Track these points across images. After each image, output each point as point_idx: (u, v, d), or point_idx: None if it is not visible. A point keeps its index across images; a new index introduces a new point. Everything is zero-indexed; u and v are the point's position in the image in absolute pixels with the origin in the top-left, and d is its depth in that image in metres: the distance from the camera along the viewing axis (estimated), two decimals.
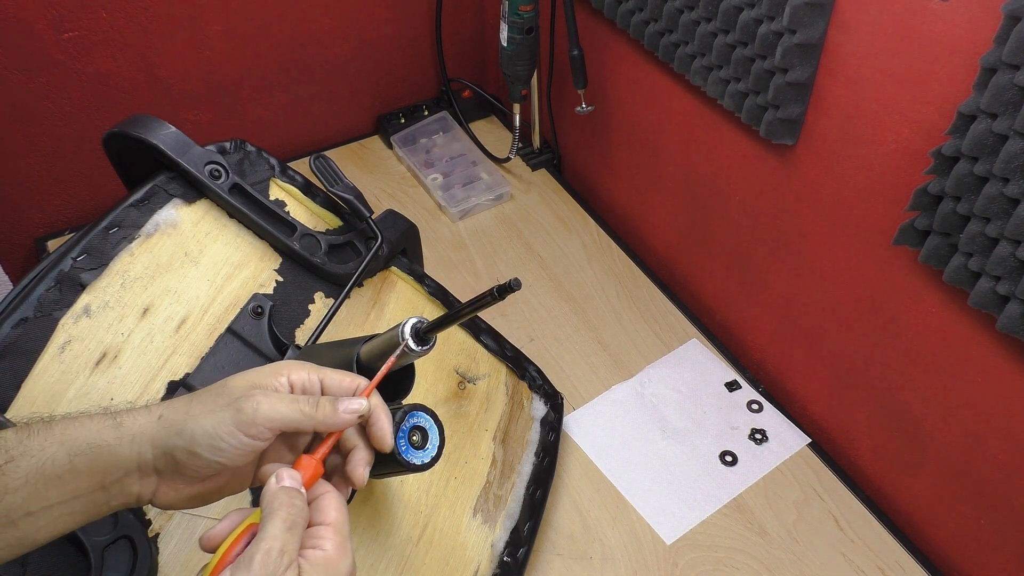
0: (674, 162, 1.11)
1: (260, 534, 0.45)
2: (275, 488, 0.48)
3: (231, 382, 0.51)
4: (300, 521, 0.46)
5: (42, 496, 0.47)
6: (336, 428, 0.52)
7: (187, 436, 0.48)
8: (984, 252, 0.69)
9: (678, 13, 0.94)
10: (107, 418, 0.49)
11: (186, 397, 0.51)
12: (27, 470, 0.46)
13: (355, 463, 0.53)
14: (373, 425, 0.54)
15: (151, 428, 0.49)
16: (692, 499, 0.92)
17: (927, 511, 0.91)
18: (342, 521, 0.48)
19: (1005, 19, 0.61)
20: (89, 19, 1.09)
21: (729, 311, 1.13)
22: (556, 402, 0.96)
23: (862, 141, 0.80)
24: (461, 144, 1.39)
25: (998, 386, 0.76)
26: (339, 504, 0.49)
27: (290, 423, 0.50)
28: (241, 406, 0.48)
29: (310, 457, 0.51)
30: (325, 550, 0.46)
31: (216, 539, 0.48)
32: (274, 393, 0.50)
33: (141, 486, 0.49)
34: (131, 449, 0.48)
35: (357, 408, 0.52)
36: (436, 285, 0.91)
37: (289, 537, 0.45)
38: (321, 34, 1.29)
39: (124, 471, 0.48)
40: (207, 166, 0.76)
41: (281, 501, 0.46)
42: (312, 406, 0.50)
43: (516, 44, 1.17)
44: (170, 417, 0.49)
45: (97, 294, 0.70)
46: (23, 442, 0.47)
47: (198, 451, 0.48)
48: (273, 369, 0.52)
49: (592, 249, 1.23)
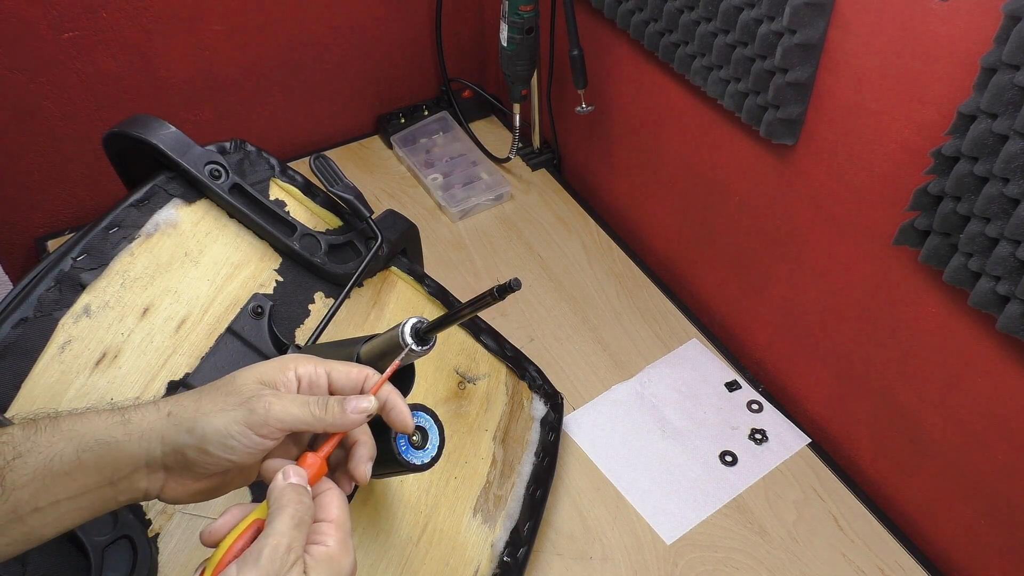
0: (674, 162, 1.11)
1: (267, 529, 0.45)
2: (283, 485, 0.48)
3: (239, 378, 0.51)
4: (307, 518, 0.47)
5: (50, 492, 0.47)
6: (345, 429, 0.52)
7: (198, 434, 0.48)
8: (984, 252, 0.69)
9: (678, 13, 0.94)
10: (115, 414, 0.49)
11: (194, 393, 0.51)
12: (34, 466, 0.46)
13: (358, 459, 0.53)
14: (391, 411, 0.54)
15: (160, 425, 0.49)
16: (692, 499, 0.92)
17: (927, 511, 0.91)
18: (344, 518, 0.49)
19: (1005, 19, 0.61)
20: (89, 19, 1.09)
21: (729, 311, 1.13)
22: (556, 402, 0.96)
23: (862, 141, 0.80)
24: (461, 144, 1.39)
25: (998, 386, 0.76)
26: (341, 501, 0.50)
27: (300, 424, 0.50)
28: (253, 406, 0.49)
29: (315, 454, 0.51)
30: (328, 546, 0.46)
31: (218, 533, 0.48)
32: (285, 394, 0.51)
33: (149, 482, 0.50)
34: (140, 446, 0.48)
35: (366, 408, 0.52)
36: (436, 285, 0.91)
37: (296, 534, 0.45)
38: (321, 34, 1.29)
39: (132, 467, 0.49)
40: (207, 166, 0.76)
41: (289, 498, 0.47)
42: (322, 408, 0.51)
43: (516, 44, 1.17)
44: (180, 414, 0.49)
45: (97, 294, 0.70)
46: (30, 438, 0.47)
47: (209, 449, 0.48)
48: (280, 363, 0.52)
49: (592, 249, 1.23)
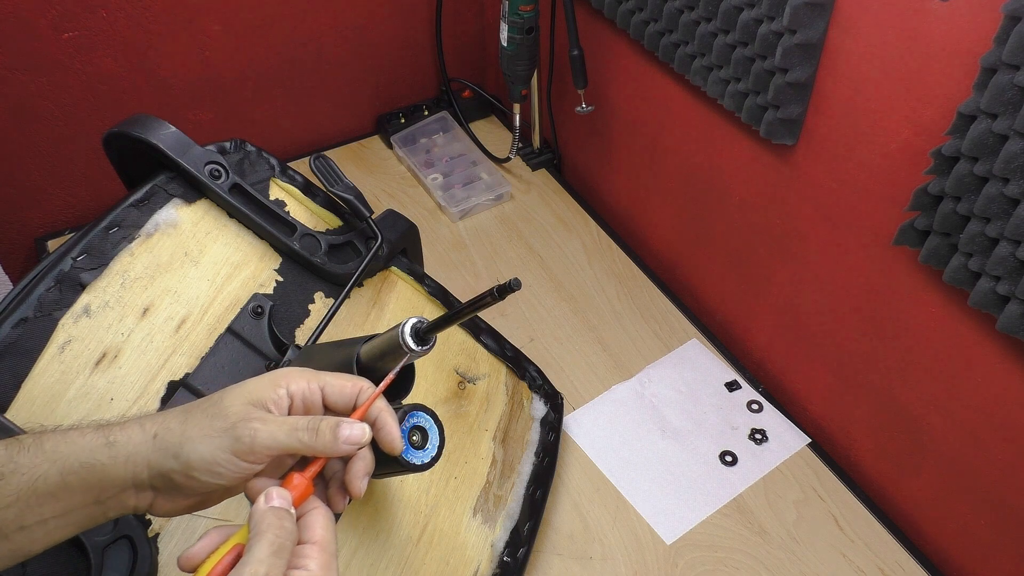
0: (674, 162, 1.11)
1: (246, 557, 0.43)
2: (264, 508, 0.46)
3: (227, 400, 0.49)
4: (288, 544, 0.45)
5: (35, 511, 0.46)
6: (335, 456, 0.50)
7: (183, 460, 0.47)
8: (984, 252, 0.69)
9: (678, 13, 0.94)
10: (98, 434, 0.48)
11: (180, 413, 0.50)
12: (18, 487, 0.46)
13: (355, 473, 0.52)
14: (380, 431, 0.53)
15: (146, 448, 0.48)
16: (692, 499, 0.92)
17: (927, 511, 0.91)
18: (328, 539, 0.47)
19: (1005, 19, 0.61)
20: (89, 19, 1.09)
21: (729, 311, 1.13)
22: (556, 402, 0.96)
23: (862, 141, 0.80)
24: (461, 144, 1.39)
25: (998, 386, 0.76)
26: (326, 522, 0.48)
27: (287, 450, 0.49)
28: (238, 434, 0.47)
29: (301, 475, 0.49)
30: (310, 570, 0.45)
31: (196, 558, 0.46)
32: (272, 418, 0.49)
33: (137, 499, 0.49)
34: (126, 469, 0.47)
35: (358, 439, 0.50)
36: (436, 285, 0.91)
37: (275, 561, 0.44)
38: (321, 34, 1.29)
39: (119, 488, 0.48)
40: (207, 166, 0.76)
41: (269, 523, 0.45)
42: (311, 434, 0.49)
43: (516, 44, 1.17)
44: (165, 438, 0.48)
45: (97, 294, 0.70)
46: (13, 459, 0.46)
47: (195, 475, 0.47)
48: (271, 380, 0.51)
49: (592, 249, 1.23)
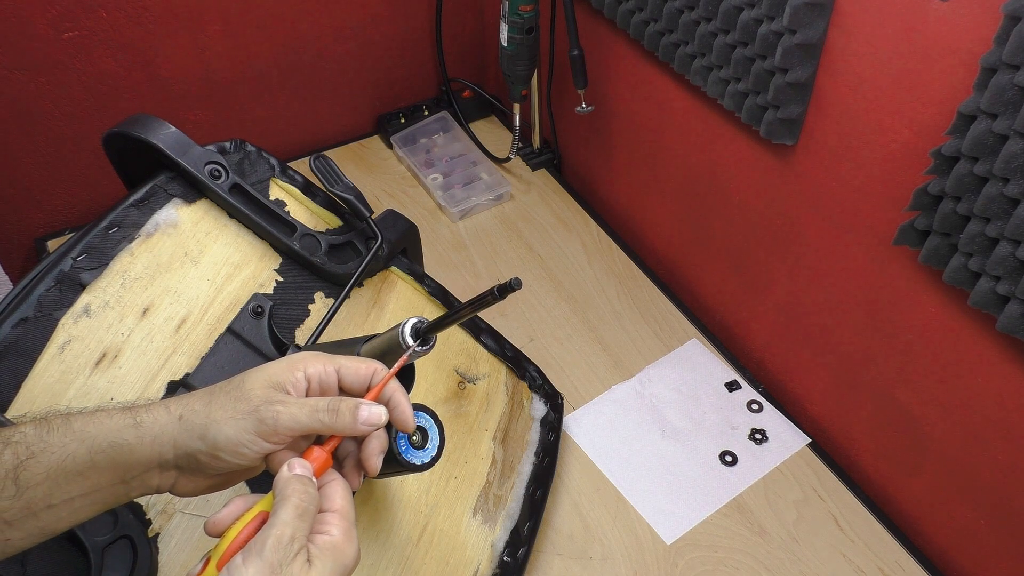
0: (674, 162, 1.11)
1: (272, 520, 0.46)
2: (288, 476, 0.48)
3: (248, 383, 0.51)
4: (311, 508, 0.47)
5: (63, 490, 0.48)
6: (354, 435, 0.53)
7: (209, 441, 0.49)
8: (984, 252, 0.69)
9: (678, 13, 0.94)
10: (126, 415, 0.50)
11: (204, 395, 0.52)
12: (48, 465, 0.47)
13: (369, 452, 0.54)
14: (395, 410, 0.55)
15: (172, 429, 0.50)
16: (692, 499, 0.92)
17: (927, 511, 0.91)
18: (348, 508, 0.49)
19: (1005, 19, 0.61)
20: (89, 19, 1.09)
21: (729, 311, 1.13)
22: (556, 402, 0.96)
23: (862, 141, 0.80)
24: (461, 144, 1.39)
25: (998, 386, 0.76)
26: (345, 492, 0.50)
27: (308, 430, 0.51)
28: (262, 416, 0.50)
29: (320, 448, 0.52)
30: (332, 535, 0.47)
31: (222, 523, 0.48)
32: (293, 400, 0.51)
33: (161, 479, 0.51)
34: (152, 449, 0.49)
35: (377, 420, 0.52)
36: (436, 285, 0.91)
37: (300, 524, 0.46)
38: (321, 34, 1.29)
39: (145, 468, 0.50)
40: (207, 166, 0.76)
41: (293, 488, 0.47)
42: (332, 415, 0.51)
43: (516, 44, 1.17)
44: (191, 419, 0.50)
45: (97, 294, 0.70)
46: (43, 438, 0.48)
47: (221, 455, 0.49)
48: (289, 364, 0.53)
49: (592, 249, 1.23)
